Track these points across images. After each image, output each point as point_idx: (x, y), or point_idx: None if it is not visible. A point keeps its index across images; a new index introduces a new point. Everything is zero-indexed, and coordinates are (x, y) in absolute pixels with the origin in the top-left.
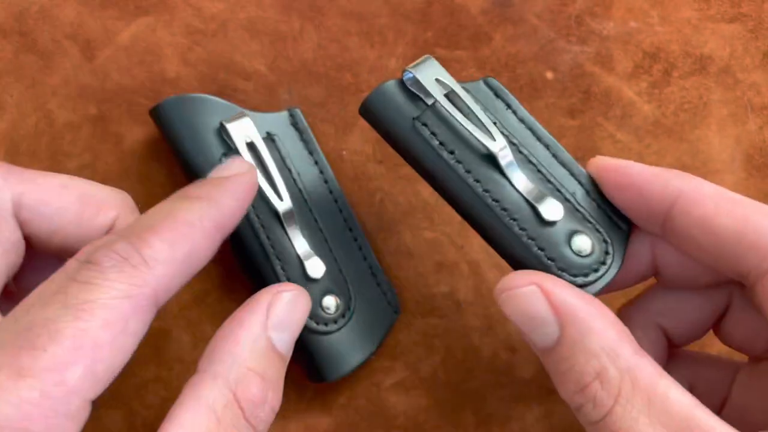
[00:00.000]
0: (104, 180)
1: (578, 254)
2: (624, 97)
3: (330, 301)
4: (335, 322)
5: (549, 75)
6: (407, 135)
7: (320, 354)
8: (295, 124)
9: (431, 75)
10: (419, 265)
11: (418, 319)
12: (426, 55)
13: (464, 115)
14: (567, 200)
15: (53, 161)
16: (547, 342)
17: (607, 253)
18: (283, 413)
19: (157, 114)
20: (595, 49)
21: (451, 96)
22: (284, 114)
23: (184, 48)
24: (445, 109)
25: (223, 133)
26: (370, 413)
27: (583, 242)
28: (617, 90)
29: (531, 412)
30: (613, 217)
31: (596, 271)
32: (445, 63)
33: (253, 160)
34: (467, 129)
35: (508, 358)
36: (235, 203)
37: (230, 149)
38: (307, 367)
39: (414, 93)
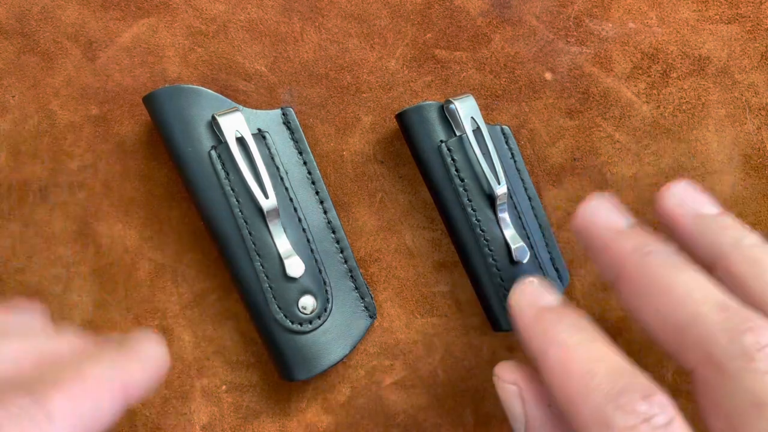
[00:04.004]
0: (106, 180)
1: None
2: (622, 97)
3: (307, 301)
4: (310, 322)
5: (548, 76)
6: (431, 153)
7: (293, 353)
8: (287, 123)
9: (468, 112)
10: (419, 265)
11: (417, 318)
12: (468, 94)
13: (482, 154)
14: (531, 248)
15: (55, 162)
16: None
17: None
18: (283, 412)
19: (150, 102)
20: (593, 50)
21: (476, 134)
22: (277, 112)
23: (185, 49)
24: (470, 144)
25: (214, 126)
26: (370, 412)
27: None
28: (616, 91)
29: None
30: (558, 272)
31: None
32: (444, 64)
33: (242, 155)
34: (482, 167)
35: (507, 357)
36: (144, 373)
37: (220, 142)
38: (279, 365)
39: (448, 120)
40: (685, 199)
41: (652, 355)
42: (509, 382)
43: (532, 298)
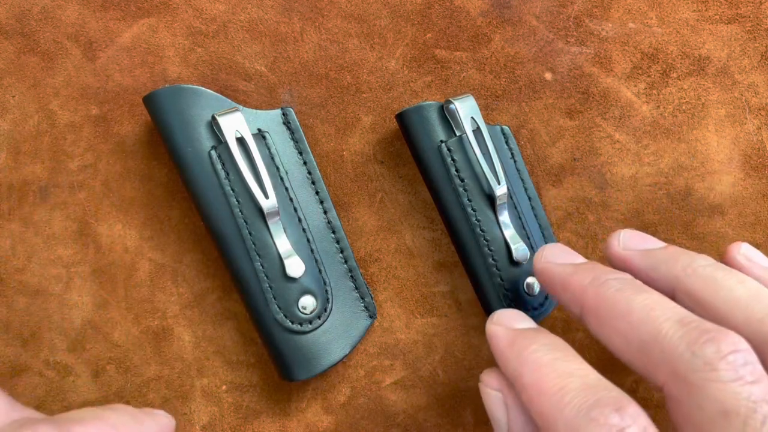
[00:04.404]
0: (106, 180)
1: (527, 293)
2: (622, 97)
3: (307, 301)
4: (310, 322)
5: (548, 76)
6: (431, 153)
7: (293, 353)
8: (287, 123)
9: (468, 112)
10: (419, 265)
11: (417, 318)
12: (468, 94)
13: (482, 154)
14: (531, 248)
15: (55, 162)
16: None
17: (546, 297)
18: (283, 412)
19: (150, 102)
20: (593, 50)
21: (476, 134)
22: (277, 112)
23: (185, 49)
24: (470, 144)
25: (214, 126)
26: (370, 412)
27: (533, 284)
28: (615, 91)
29: None
30: None
31: (535, 308)
32: (444, 64)
33: (242, 155)
34: (481, 167)
35: None
36: (155, 429)
37: (220, 142)
38: (279, 365)
39: (448, 120)
40: (630, 241)
41: None
42: (494, 388)
43: (508, 323)
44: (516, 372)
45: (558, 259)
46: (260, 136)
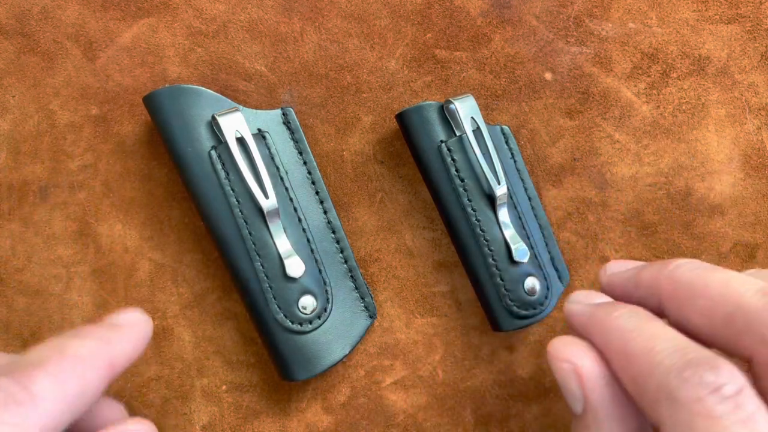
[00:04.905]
0: (106, 180)
1: (527, 293)
2: (622, 97)
3: (307, 301)
4: (310, 322)
5: (548, 76)
6: (431, 153)
7: (293, 353)
8: (287, 123)
9: (468, 112)
10: (419, 265)
11: (417, 318)
12: (468, 94)
13: (482, 154)
14: (531, 248)
15: (55, 162)
16: (575, 411)
17: (546, 297)
18: (283, 412)
19: (150, 102)
20: (593, 50)
21: (476, 134)
22: (277, 112)
23: (185, 49)
24: (470, 144)
25: (214, 126)
26: (370, 411)
27: (533, 284)
28: (615, 91)
29: (529, 411)
30: (558, 272)
31: (535, 308)
32: (444, 64)
33: (242, 155)
34: (482, 167)
35: (507, 356)
36: (127, 345)
37: (220, 142)
38: (279, 365)
39: (448, 120)
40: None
41: None
42: (562, 360)
43: (585, 300)
44: (602, 341)
45: (622, 269)
46: (260, 136)
